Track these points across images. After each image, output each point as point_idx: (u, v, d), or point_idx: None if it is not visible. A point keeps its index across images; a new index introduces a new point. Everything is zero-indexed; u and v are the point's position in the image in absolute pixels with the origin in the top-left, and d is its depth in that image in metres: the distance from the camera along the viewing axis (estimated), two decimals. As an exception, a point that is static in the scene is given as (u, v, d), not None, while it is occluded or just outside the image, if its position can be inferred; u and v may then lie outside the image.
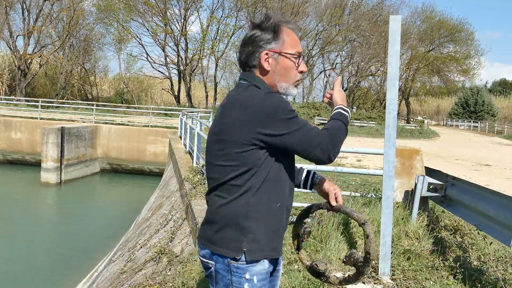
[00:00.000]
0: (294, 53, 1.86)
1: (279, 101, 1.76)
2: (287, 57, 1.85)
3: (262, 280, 1.82)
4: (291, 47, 1.85)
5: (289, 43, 1.86)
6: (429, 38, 46.43)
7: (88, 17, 42.27)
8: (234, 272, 1.78)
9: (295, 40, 1.88)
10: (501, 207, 3.85)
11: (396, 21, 3.75)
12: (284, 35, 1.85)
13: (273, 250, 1.85)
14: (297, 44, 1.88)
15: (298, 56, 1.87)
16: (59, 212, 17.52)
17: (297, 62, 1.87)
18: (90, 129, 23.62)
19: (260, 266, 1.80)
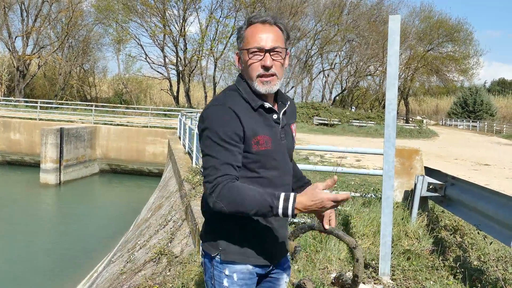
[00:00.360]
0: (250, 48, 1.78)
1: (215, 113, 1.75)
2: (244, 53, 1.81)
3: (244, 280, 1.84)
4: (250, 42, 1.78)
5: (248, 38, 1.79)
6: (428, 38, 46.41)
7: (87, 17, 42.29)
8: (215, 266, 1.85)
9: (255, 34, 1.78)
10: (500, 206, 3.84)
11: (395, 21, 3.75)
12: (247, 32, 1.81)
13: (252, 256, 1.85)
14: (254, 38, 1.78)
15: (256, 51, 1.77)
16: (58, 212, 17.51)
17: (253, 57, 1.78)
18: (89, 130, 23.60)
19: (241, 265, 1.84)
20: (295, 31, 43.49)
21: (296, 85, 47.56)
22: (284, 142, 1.87)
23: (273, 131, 1.82)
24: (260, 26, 1.79)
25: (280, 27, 1.84)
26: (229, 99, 1.79)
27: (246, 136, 1.74)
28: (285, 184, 1.88)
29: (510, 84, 74.21)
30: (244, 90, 1.82)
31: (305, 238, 4.59)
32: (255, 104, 1.80)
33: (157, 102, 50.26)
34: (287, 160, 1.90)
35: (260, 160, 1.78)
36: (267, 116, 1.82)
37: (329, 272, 4.12)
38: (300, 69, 45.90)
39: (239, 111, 1.75)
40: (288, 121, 1.92)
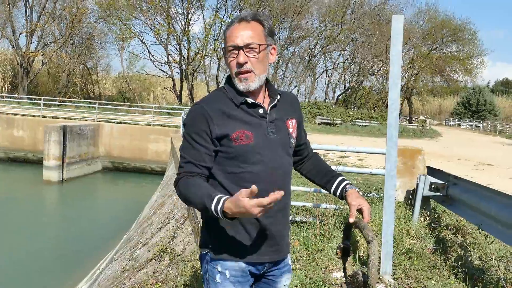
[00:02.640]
0: (226, 47, 1.82)
1: (190, 112, 1.87)
2: (224, 52, 1.85)
3: (237, 277, 1.85)
4: (226, 42, 1.82)
5: (226, 39, 1.83)
6: (432, 37, 46.35)
7: (91, 15, 42.38)
8: (209, 262, 1.88)
9: (231, 34, 1.81)
10: (503, 206, 3.85)
11: (399, 21, 3.75)
12: (226, 33, 1.84)
13: (242, 253, 1.84)
14: (231, 37, 1.81)
15: (232, 50, 1.80)
16: (60, 210, 17.56)
17: (230, 56, 1.81)
18: (92, 128, 23.65)
19: (233, 263, 1.84)
20: (299, 30, 43.48)
21: (299, 84, 47.59)
22: (274, 137, 1.85)
23: (257, 126, 1.82)
24: (236, 25, 1.81)
25: (261, 23, 1.84)
26: (209, 99, 1.86)
27: (219, 135, 1.78)
28: (275, 180, 1.84)
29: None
30: (228, 89, 1.86)
31: (307, 236, 4.60)
32: (237, 101, 1.82)
33: (160, 100, 50.37)
34: (280, 155, 1.87)
35: (242, 154, 1.79)
36: (251, 111, 1.83)
37: (330, 271, 4.13)
38: (303, 68, 45.88)
39: (215, 110, 1.80)
40: (282, 116, 1.91)
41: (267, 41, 1.84)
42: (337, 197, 2.06)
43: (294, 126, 1.96)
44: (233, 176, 1.81)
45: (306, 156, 2.16)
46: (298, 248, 4.42)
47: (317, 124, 32.84)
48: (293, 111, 1.99)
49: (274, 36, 1.93)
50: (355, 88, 48.47)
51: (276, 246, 1.91)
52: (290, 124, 1.94)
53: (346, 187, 1.99)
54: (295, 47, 45.11)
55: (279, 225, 1.90)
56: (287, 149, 1.91)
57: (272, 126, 1.85)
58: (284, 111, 1.93)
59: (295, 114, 1.99)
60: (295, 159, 2.10)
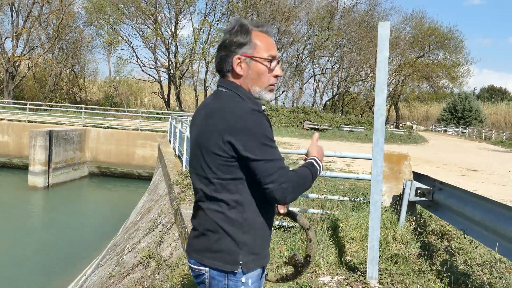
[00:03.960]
0: (266, 57, 1.82)
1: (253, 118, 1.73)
2: (258, 61, 1.82)
3: (254, 283, 1.86)
4: (264, 50, 1.82)
5: (261, 46, 1.82)
6: (419, 44, 46.84)
7: (78, 19, 42.14)
8: (231, 277, 1.81)
9: (268, 44, 1.83)
10: (487, 211, 3.89)
11: (385, 27, 3.79)
12: (256, 39, 1.82)
13: (265, 257, 1.91)
14: (270, 48, 1.83)
15: (271, 60, 1.83)
16: (46, 216, 17.36)
17: (270, 66, 1.83)
18: (79, 133, 23.46)
19: (256, 270, 1.86)
20: (287, 35, 43.65)
21: (287, 89, 47.73)
22: None
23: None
24: (266, 35, 1.84)
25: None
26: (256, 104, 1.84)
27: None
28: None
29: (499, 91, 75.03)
30: (245, 96, 1.84)
31: (294, 241, 4.60)
32: (259, 108, 1.82)
33: (148, 105, 50.16)
34: None
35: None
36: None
37: (317, 276, 4.14)
38: (291, 74, 46.05)
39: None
40: None
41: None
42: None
43: None
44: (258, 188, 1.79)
45: None
46: (285, 253, 4.42)
47: (305, 129, 32.93)
48: None
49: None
50: (342, 94, 48.74)
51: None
52: None
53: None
54: (283, 52, 45.28)
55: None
56: None
57: None
58: None
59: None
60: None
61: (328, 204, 5.48)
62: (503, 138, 40.51)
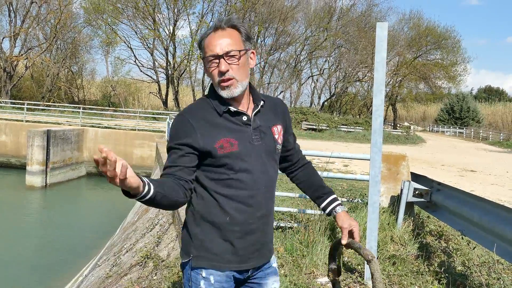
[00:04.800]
0: (206, 57, 1.82)
1: (173, 122, 1.86)
2: (204, 62, 1.85)
3: (221, 283, 1.84)
4: (205, 52, 1.82)
5: (205, 49, 1.83)
6: (417, 45, 46.89)
7: (76, 19, 42.06)
8: (192, 268, 1.86)
9: (208, 44, 1.81)
10: (485, 212, 3.89)
11: (383, 28, 3.79)
12: (204, 43, 1.84)
13: (226, 262, 1.85)
14: (209, 46, 1.81)
15: (212, 59, 1.80)
16: (44, 216, 17.31)
17: (210, 65, 1.81)
18: (76, 132, 23.43)
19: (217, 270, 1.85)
20: (285, 36, 43.67)
21: (285, 90, 47.74)
22: (259, 143, 1.85)
23: (241, 133, 1.83)
24: (212, 34, 1.81)
25: (237, 28, 1.84)
26: (192, 108, 1.87)
27: (202, 145, 1.78)
28: (261, 186, 1.86)
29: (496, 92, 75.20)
30: (211, 97, 1.86)
31: (292, 242, 4.60)
32: (219, 109, 1.82)
33: (146, 105, 50.10)
34: (265, 161, 1.88)
35: (227, 162, 1.80)
36: (234, 119, 1.83)
37: (315, 277, 4.13)
38: (289, 74, 46.05)
39: (198, 120, 1.81)
40: (266, 122, 1.91)
41: (246, 46, 1.84)
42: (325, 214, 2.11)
43: (280, 132, 1.95)
44: (218, 182, 1.82)
45: (297, 161, 2.16)
46: (283, 254, 4.42)
47: (303, 129, 32.94)
48: (278, 116, 1.98)
49: (251, 40, 1.92)
50: (340, 94, 48.76)
51: (259, 251, 1.90)
52: (276, 130, 1.93)
53: (336, 208, 2.03)
54: (281, 52, 45.30)
55: (261, 231, 1.89)
56: (272, 155, 1.91)
57: (257, 132, 1.85)
58: (268, 117, 1.93)
59: (280, 120, 1.98)
60: (285, 164, 2.15)
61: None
62: (500, 138, 40.60)
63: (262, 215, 1.87)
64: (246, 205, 1.82)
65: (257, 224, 1.86)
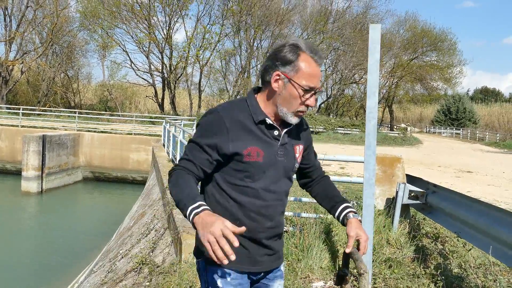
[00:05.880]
0: (304, 85, 1.77)
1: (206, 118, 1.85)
2: (295, 86, 1.79)
3: (237, 279, 1.87)
4: (304, 78, 1.77)
5: (303, 72, 1.78)
6: (413, 46, 47.00)
7: (72, 23, 41.97)
8: (208, 269, 1.88)
9: (312, 73, 1.78)
10: (480, 214, 3.86)
11: (376, 30, 3.76)
12: (302, 63, 1.78)
13: (238, 262, 1.79)
14: (311, 77, 1.77)
15: (308, 90, 1.78)
16: (39, 222, 17.22)
17: (303, 94, 1.79)
18: (72, 137, 23.34)
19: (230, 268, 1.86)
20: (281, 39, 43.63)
21: (281, 92, 47.64)
22: (282, 160, 1.88)
23: (269, 146, 1.84)
24: (316, 65, 1.80)
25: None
26: (230, 108, 1.85)
27: (231, 147, 1.78)
28: (274, 199, 1.89)
29: (492, 93, 75.47)
30: (251, 103, 1.86)
31: (287, 246, 4.56)
32: (256, 117, 1.83)
33: (142, 109, 50.03)
34: (281, 177, 1.90)
35: (249, 170, 1.81)
36: (266, 131, 1.84)
37: (310, 281, 4.10)
38: (285, 77, 46.01)
39: (233, 122, 1.80)
40: (291, 140, 1.93)
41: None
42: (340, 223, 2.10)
43: (301, 151, 2.00)
44: (234, 187, 1.85)
45: (316, 178, 2.18)
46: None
47: (308, 133, 32.92)
48: (302, 136, 2.01)
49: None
50: (337, 96, 48.81)
51: (269, 257, 1.94)
52: (298, 149, 1.97)
53: (348, 215, 2.00)
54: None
55: (270, 240, 1.93)
56: (289, 173, 1.94)
57: (282, 149, 1.88)
58: (294, 136, 1.96)
59: (304, 140, 2.02)
60: (304, 180, 2.19)
61: (322, 208, 5.43)
62: (497, 139, 40.66)
63: (271, 226, 1.91)
64: (257, 214, 1.86)
65: (266, 233, 1.90)
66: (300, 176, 2.17)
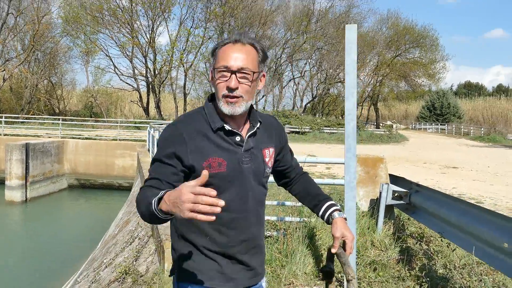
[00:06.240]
0: (219, 66, 1.70)
1: (164, 132, 1.77)
2: (214, 72, 1.73)
3: None
4: (220, 60, 1.70)
5: (220, 57, 1.71)
6: (396, 44, 47.29)
7: (54, 30, 41.51)
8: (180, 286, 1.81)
9: (224, 54, 1.70)
10: (462, 213, 3.83)
11: (352, 30, 3.71)
12: (219, 51, 1.73)
13: (210, 278, 1.76)
14: (226, 57, 1.69)
15: (224, 70, 1.69)
16: (24, 231, 16.96)
17: (221, 77, 1.70)
18: (56, 144, 23.05)
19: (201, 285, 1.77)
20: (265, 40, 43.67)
21: (267, 93, 47.71)
22: (248, 166, 1.77)
23: (231, 154, 1.74)
24: (231, 46, 1.71)
25: (256, 48, 1.76)
26: (187, 119, 1.78)
27: (191, 160, 1.69)
28: (246, 210, 1.78)
29: (475, 87, 76.27)
30: (208, 111, 1.77)
31: (271, 252, 4.48)
32: (214, 125, 1.74)
33: (128, 114, 49.65)
34: (252, 184, 1.79)
35: (212, 183, 1.68)
36: (227, 138, 1.75)
37: (295, 287, 4.03)
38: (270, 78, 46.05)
39: (190, 133, 1.72)
40: (259, 144, 1.82)
41: (260, 68, 1.77)
42: (325, 222, 2.00)
43: (271, 155, 1.89)
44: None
45: (294, 177, 2.11)
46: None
47: (286, 133, 32.90)
48: (271, 138, 1.91)
49: (266, 62, 1.85)
50: (322, 96, 48.89)
51: (244, 273, 1.82)
52: (267, 153, 1.86)
53: (333, 214, 1.92)
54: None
55: (245, 255, 1.81)
56: (260, 179, 1.83)
57: (247, 155, 1.78)
58: (262, 139, 1.85)
59: (274, 142, 1.92)
60: (284, 180, 2.12)
61: (306, 211, 5.36)
62: (481, 133, 41.03)
63: (245, 239, 1.79)
64: (228, 228, 1.76)
65: (238, 247, 1.79)
66: (278, 177, 2.11)
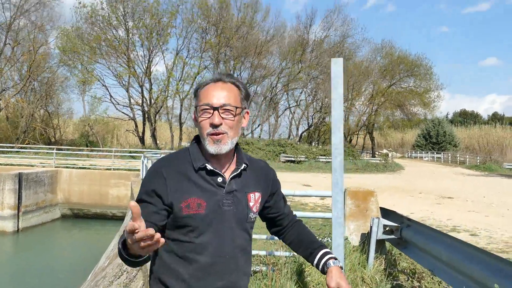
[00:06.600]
0: (201, 104, 1.69)
1: (147, 173, 1.76)
2: (197, 110, 1.72)
3: None
4: (201, 99, 1.70)
5: (202, 96, 1.71)
6: (390, 73, 47.79)
7: (51, 59, 41.84)
8: None
9: (205, 93, 1.70)
10: (453, 250, 3.73)
11: (338, 64, 3.69)
12: (202, 90, 1.72)
13: None
14: (207, 95, 1.69)
15: (207, 108, 1.68)
16: (15, 263, 16.65)
17: (203, 114, 1.68)
18: (50, 174, 22.87)
19: None
20: (260, 69, 44.10)
21: (262, 122, 47.86)
22: (229, 209, 1.71)
23: (211, 195, 1.69)
24: (212, 85, 1.72)
25: (237, 85, 1.75)
26: (169, 159, 1.76)
27: (170, 199, 1.65)
28: (225, 255, 1.70)
29: (471, 115, 76.79)
30: (192, 150, 1.75)
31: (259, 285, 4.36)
32: (196, 165, 1.70)
33: (124, 143, 49.61)
34: (233, 229, 1.72)
35: (191, 224, 1.65)
36: (208, 178, 1.70)
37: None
38: (266, 107, 46.30)
39: (171, 172, 1.69)
40: (243, 187, 1.76)
41: (243, 104, 1.75)
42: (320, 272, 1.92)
43: (257, 200, 1.82)
44: (178, 244, 1.69)
45: (287, 224, 2.03)
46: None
47: (281, 162, 32.84)
48: (259, 183, 1.85)
49: (249, 100, 1.84)
50: (318, 125, 49.07)
51: None
52: (252, 197, 1.80)
53: (328, 262, 1.85)
54: (257, 86, 45.61)
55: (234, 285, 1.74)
56: (242, 224, 1.77)
57: (229, 197, 1.72)
58: (248, 182, 1.80)
59: (261, 187, 1.86)
60: (275, 229, 2.06)
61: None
62: (477, 162, 41.05)
63: (223, 286, 1.71)
64: (205, 273, 1.68)
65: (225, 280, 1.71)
66: (270, 225, 2.05)
